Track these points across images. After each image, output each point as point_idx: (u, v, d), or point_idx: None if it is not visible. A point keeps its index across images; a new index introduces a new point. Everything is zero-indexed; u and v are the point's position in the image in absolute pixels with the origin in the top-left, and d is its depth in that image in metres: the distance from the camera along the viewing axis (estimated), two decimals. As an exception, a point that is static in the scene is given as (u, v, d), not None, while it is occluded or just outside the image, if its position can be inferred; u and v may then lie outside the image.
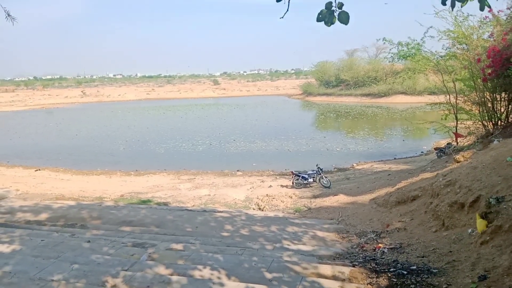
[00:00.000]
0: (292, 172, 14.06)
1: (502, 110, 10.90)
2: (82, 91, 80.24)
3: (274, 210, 10.62)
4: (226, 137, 27.07)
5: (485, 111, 11.23)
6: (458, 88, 12.42)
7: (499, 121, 10.95)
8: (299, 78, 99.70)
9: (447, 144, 12.67)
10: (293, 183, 13.64)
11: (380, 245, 5.86)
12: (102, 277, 4.46)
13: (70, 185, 14.72)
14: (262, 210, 10.68)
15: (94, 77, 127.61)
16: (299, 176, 13.63)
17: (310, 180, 13.51)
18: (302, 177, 13.56)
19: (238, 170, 17.28)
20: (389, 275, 4.58)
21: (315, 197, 11.65)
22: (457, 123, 12.68)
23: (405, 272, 4.56)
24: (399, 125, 31.31)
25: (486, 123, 11.32)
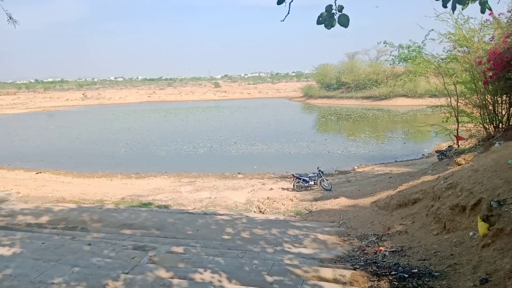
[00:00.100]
0: (293, 174, 14.04)
1: (503, 112, 10.87)
2: (83, 94, 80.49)
3: (275, 213, 10.60)
4: (227, 139, 27.07)
5: (486, 113, 11.20)
6: (459, 91, 12.41)
7: (500, 124, 10.92)
8: (300, 80, 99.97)
9: (448, 146, 12.64)
10: (294, 186, 13.62)
11: (381, 248, 5.85)
12: (103, 280, 4.46)
13: (71, 188, 14.73)
14: (263, 213, 10.66)
15: (95, 79, 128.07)
16: (300, 178, 13.61)
17: (311, 183, 13.49)
18: (303, 180, 13.55)
19: (239, 173, 17.27)
20: (391, 278, 4.57)
21: (316, 200, 11.64)
22: (458, 125, 12.65)
23: (406, 275, 4.55)
24: (400, 127, 31.30)
25: (487, 126, 11.29)
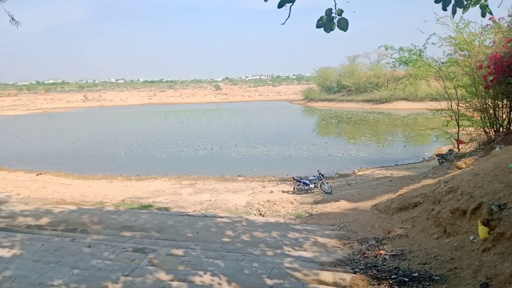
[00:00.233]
0: (293, 177, 14.04)
1: (504, 116, 10.87)
2: (84, 96, 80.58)
3: (275, 216, 10.59)
4: (228, 142, 27.09)
5: (487, 117, 11.21)
6: (459, 95, 12.42)
7: (501, 128, 10.92)
8: (300, 83, 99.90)
9: (449, 150, 12.63)
10: (294, 188, 13.61)
11: (381, 251, 5.84)
12: (103, 282, 4.45)
13: (71, 189, 14.73)
14: (263, 216, 10.65)
15: (96, 81, 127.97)
16: (301, 181, 13.61)
17: (312, 186, 13.49)
18: (304, 183, 13.54)
19: (239, 175, 17.26)
20: (391, 282, 4.56)
21: (316, 203, 11.63)
22: (458, 129, 12.66)
23: (406, 279, 4.54)
24: (400, 131, 31.31)
25: (488, 130, 11.29)
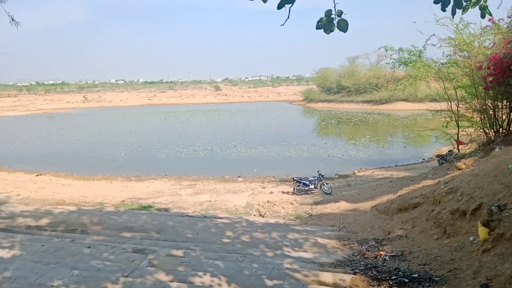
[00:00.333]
0: (293, 178, 14.04)
1: (504, 117, 10.88)
2: (84, 97, 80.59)
3: (275, 217, 10.59)
4: (227, 143, 27.09)
5: (486, 118, 11.21)
6: (459, 96, 12.43)
7: (501, 129, 10.92)
8: (300, 84, 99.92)
9: (449, 151, 12.62)
10: (294, 189, 13.61)
11: (381, 252, 5.84)
12: (102, 283, 4.44)
13: (71, 190, 14.71)
14: (263, 217, 10.65)
15: (96, 82, 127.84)
16: (300, 182, 13.60)
17: (311, 186, 13.48)
18: (303, 184, 13.54)
19: (239, 176, 17.26)
20: (391, 283, 4.55)
21: (316, 203, 11.63)
22: (458, 130, 12.66)
23: (406, 280, 4.54)
24: (400, 132, 31.32)
25: (487, 131, 11.29)
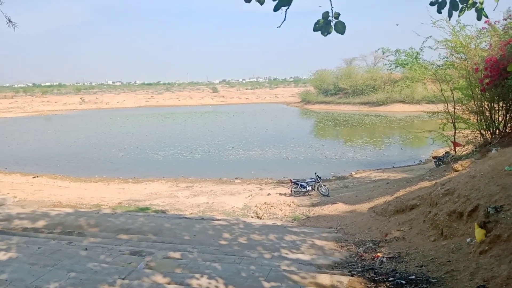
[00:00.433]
0: (290, 180, 14.04)
1: (500, 119, 10.93)
2: (81, 98, 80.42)
3: (272, 219, 10.58)
4: (225, 144, 27.08)
5: (483, 120, 11.26)
6: (456, 97, 12.48)
7: (497, 130, 10.97)
8: (297, 86, 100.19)
9: (445, 153, 12.67)
10: (291, 191, 13.61)
11: (378, 254, 5.84)
12: (99, 285, 4.42)
13: (68, 192, 14.66)
14: (261, 218, 10.65)
15: (93, 84, 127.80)
16: (298, 184, 13.61)
17: (309, 188, 13.49)
18: (301, 185, 13.54)
19: (236, 178, 17.25)
20: (388, 284, 4.56)
21: (313, 205, 11.63)
22: (455, 132, 12.71)
23: (403, 282, 4.54)
24: (397, 133, 31.39)
25: (484, 132, 11.34)
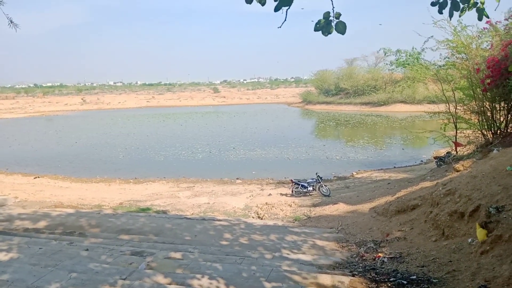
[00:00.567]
0: (291, 180, 14.03)
1: (502, 119, 10.92)
2: (82, 99, 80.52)
3: (273, 219, 10.58)
4: (226, 145, 27.08)
5: (484, 120, 11.25)
6: (457, 97, 12.47)
7: (499, 130, 10.96)
8: (298, 86, 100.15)
9: (447, 153, 12.66)
10: (292, 191, 13.60)
11: (379, 254, 5.84)
12: (100, 286, 4.43)
13: (69, 192, 14.67)
14: (262, 219, 10.64)
15: (95, 84, 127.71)
16: (299, 184, 13.60)
17: (310, 188, 13.48)
18: (302, 186, 13.53)
19: (237, 178, 17.25)
20: (389, 285, 4.55)
21: (314, 205, 11.62)
22: (456, 132, 12.69)
23: (405, 282, 4.54)
24: (398, 133, 31.35)
25: (485, 132, 11.33)
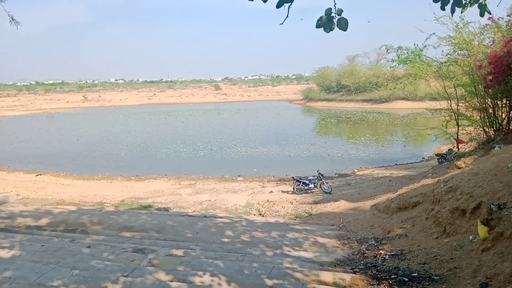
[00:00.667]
0: (293, 177, 14.03)
1: (504, 116, 10.87)
2: (83, 96, 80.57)
3: (274, 216, 10.59)
4: (227, 142, 27.08)
5: (486, 117, 11.21)
6: (459, 94, 12.43)
7: (500, 127, 10.92)
8: (300, 83, 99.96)
9: (448, 150, 12.64)
10: (294, 188, 13.60)
11: (381, 251, 5.84)
12: (102, 283, 4.44)
13: (71, 190, 14.71)
14: (263, 216, 10.65)
15: (96, 82, 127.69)
16: (300, 181, 13.60)
17: (311, 185, 13.48)
18: (303, 183, 13.53)
19: (239, 176, 17.26)
20: (390, 282, 4.55)
21: (316, 203, 11.63)
22: (458, 129, 12.66)
23: (406, 279, 4.54)
24: (400, 130, 31.32)
25: (487, 129, 11.29)
